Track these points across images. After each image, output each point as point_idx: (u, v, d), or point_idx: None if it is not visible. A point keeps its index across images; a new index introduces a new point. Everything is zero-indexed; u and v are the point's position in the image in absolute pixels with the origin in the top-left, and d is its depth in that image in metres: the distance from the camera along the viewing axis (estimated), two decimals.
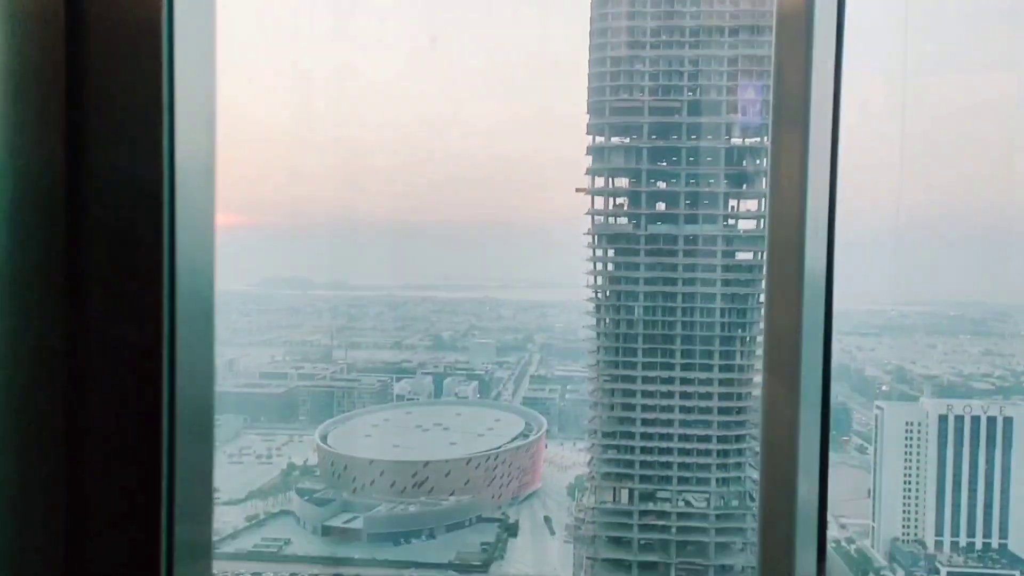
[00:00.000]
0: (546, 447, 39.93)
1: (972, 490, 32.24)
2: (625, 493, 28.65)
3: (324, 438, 39.42)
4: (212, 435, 2.07)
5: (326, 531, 35.25)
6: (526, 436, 38.96)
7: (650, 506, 28.26)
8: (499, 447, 37.73)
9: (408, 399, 43.92)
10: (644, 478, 28.37)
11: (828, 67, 1.88)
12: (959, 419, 33.08)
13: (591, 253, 28.26)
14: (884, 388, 41.80)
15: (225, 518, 36.96)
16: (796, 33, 1.74)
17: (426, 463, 36.18)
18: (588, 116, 27.43)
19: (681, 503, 28.19)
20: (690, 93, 26.98)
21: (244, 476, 39.63)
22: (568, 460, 39.53)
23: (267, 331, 52.27)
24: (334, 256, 70.72)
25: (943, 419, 33.30)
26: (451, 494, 35.63)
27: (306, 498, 36.78)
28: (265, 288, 60.10)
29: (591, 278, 28.65)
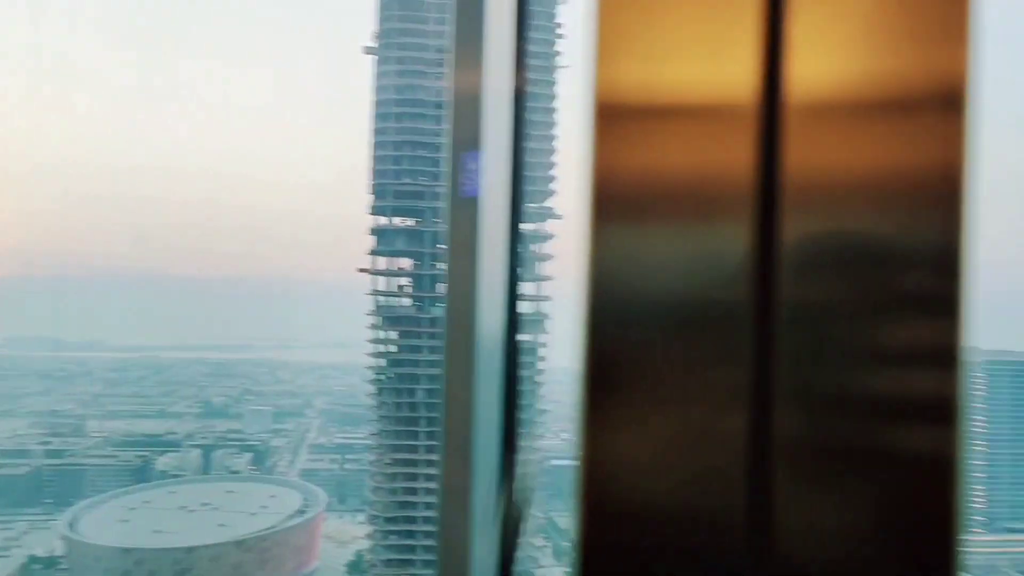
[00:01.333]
0: (325, 521, 38.57)
1: None
2: None
3: (73, 525, 35.73)
4: None
5: None
6: (303, 513, 37.39)
7: None
8: (274, 527, 35.89)
9: (172, 476, 40.96)
10: (427, 563, 27.90)
11: (502, 148, 1.96)
12: None
13: (374, 334, 27.70)
14: None
15: None
16: (469, 115, 1.81)
17: (191, 549, 33.67)
18: (372, 198, 26.98)
19: None
20: None
21: None
22: (347, 534, 38.34)
23: (9, 399, 46.88)
24: (89, 312, 65.20)
25: None
26: None
27: None
28: (9, 348, 54.26)
29: (374, 360, 28.06)
